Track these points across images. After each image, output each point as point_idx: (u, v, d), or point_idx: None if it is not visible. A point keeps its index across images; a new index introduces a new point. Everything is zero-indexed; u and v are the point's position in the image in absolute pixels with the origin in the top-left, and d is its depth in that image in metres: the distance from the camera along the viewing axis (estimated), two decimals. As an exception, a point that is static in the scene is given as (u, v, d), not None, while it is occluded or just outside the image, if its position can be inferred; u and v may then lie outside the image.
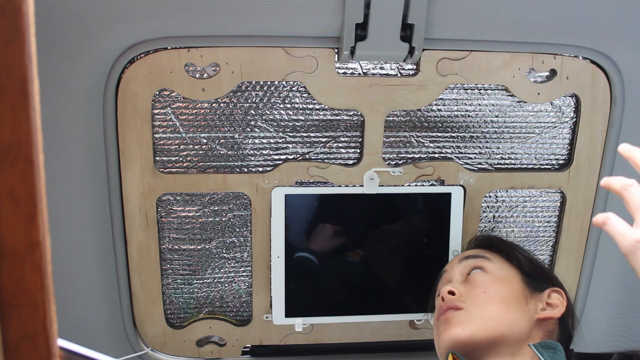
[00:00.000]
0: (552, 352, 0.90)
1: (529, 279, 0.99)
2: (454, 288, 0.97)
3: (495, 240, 1.06)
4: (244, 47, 0.97)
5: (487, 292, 0.95)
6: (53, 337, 0.34)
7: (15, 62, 0.31)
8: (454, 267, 1.03)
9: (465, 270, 1.00)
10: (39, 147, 0.32)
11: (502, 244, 1.05)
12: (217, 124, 1.04)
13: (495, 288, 0.96)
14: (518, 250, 1.05)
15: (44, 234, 0.33)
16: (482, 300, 0.94)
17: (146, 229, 1.06)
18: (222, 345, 1.17)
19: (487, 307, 0.93)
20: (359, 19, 0.91)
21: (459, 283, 0.99)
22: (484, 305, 0.93)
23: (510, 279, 0.98)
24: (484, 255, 1.01)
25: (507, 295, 0.96)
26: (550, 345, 0.91)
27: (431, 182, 1.11)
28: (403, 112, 1.07)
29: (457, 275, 1.01)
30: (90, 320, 1.09)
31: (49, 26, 0.87)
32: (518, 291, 0.97)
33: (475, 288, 0.96)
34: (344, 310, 1.14)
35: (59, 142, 0.96)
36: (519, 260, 1.01)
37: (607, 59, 1.02)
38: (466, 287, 0.97)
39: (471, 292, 0.96)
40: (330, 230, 1.10)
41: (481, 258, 1.01)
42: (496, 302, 0.94)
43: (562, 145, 1.12)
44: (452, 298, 0.95)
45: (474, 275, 0.98)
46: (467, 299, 0.95)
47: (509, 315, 0.93)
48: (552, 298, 0.98)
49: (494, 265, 1.00)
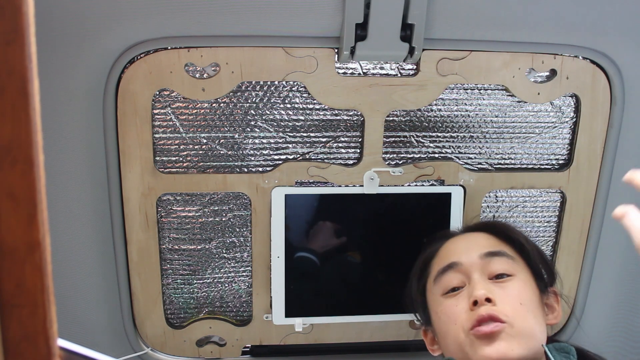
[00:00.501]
0: (566, 357, 0.84)
1: (538, 278, 0.92)
2: (492, 295, 0.85)
3: (509, 231, 0.96)
4: (244, 47, 0.97)
5: (523, 304, 0.85)
6: (53, 337, 0.34)
7: (15, 62, 0.31)
8: (474, 263, 0.90)
9: (491, 271, 0.89)
10: (39, 147, 0.32)
11: (515, 234, 0.95)
12: (217, 124, 1.04)
13: (527, 298, 0.87)
14: (529, 243, 0.96)
15: (44, 234, 0.33)
16: (522, 315, 0.84)
17: (146, 229, 1.06)
18: (222, 345, 1.17)
19: (527, 324, 0.84)
20: (359, 19, 0.91)
21: (489, 287, 0.87)
22: (524, 320, 0.84)
23: (530, 283, 0.90)
24: (507, 254, 0.91)
25: (535, 305, 0.88)
26: (565, 349, 0.85)
27: (431, 182, 1.11)
28: (403, 112, 1.07)
29: (478, 274, 0.89)
30: (90, 320, 1.09)
31: (49, 26, 0.87)
32: (537, 296, 0.90)
33: (512, 298, 0.85)
34: (344, 310, 1.14)
35: (59, 142, 0.96)
36: (532, 257, 0.93)
37: (607, 59, 1.02)
38: (496, 292, 0.86)
39: (507, 302, 0.85)
40: (330, 230, 1.10)
41: (507, 258, 0.90)
42: (532, 315, 0.85)
43: (562, 145, 1.12)
44: (494, 309, 0.83)
45: (507, 282, 0.88)
46: (505, 310, 0.84)
47: (541, 330, 0.86)
48: (550, 299, 0.94)
49: (518, 267, 0.91)
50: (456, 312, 0.87)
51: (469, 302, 0.86)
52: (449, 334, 0.88)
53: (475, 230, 0.99)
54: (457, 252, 0.94)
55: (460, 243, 0.96)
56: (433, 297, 0.94)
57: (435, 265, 0.96)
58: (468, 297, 0.87)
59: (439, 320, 0.91)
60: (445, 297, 0.91)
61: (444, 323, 0.90)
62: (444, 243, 0.99)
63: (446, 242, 0.98)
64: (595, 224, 1.14)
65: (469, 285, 0.89)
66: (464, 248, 0.94)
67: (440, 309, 0.91)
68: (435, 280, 0.93)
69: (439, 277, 0.92)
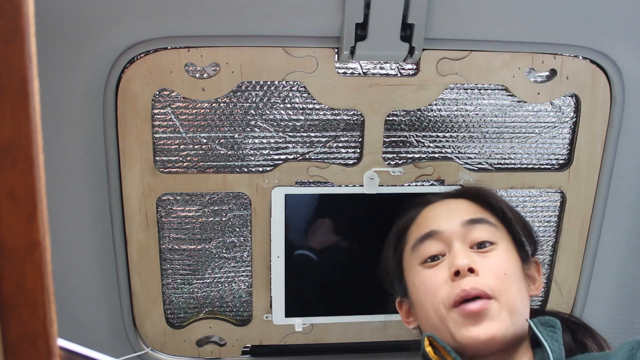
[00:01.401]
0: (552, 331, 0.80)
1: (520, 247, 0.87)
2: (474, 265, 0.79)
3: (491, 198, 0.90)
4: (244, 47, 0.97)
5: (507, 275, 0.80)
6: (53, 337, 0.34)
7: (15, 62, 0.31)
8: (455, 230, 0.85)
9: (473, 239, 0.84)
10: (39, 147, 0.32)
11: (498, 201, 0.90)
12: (217, 124, 1.04)
13: (511, 269, 0.81)
14: (512, 210, 0.90)
15: (44, 234, 0.33)
16: (506, 286, 0.79)
17: (146, 229, 1.06)
18: (222, 345, 1.17)
19: (513, 296, 0.79)
20: (359, 19, 0.91)
21: (471, 256, 0.81)
22: (509, 292, 0.79)
23: (512, 252, 0.85)
24: (490, 221, 0.86)
25: (519, 275, 0.83)
26: (550, 323, 0.81)
27: (431, 182, 1.11)
28: (403, 112, 1.07)
29: (459, 242, 0.83)
30: (90, 320, 1.09)
31: (49, 26, 0.87)
32: (520, 267, 0.85)
33: (495, 268, 0.80)
34: (344, 310, 1.14)
35: (59, 142, 0.96)
36: (514, 225, 0.88)
37: (607, 59, 1.02)
38: (478, 261, 0.81)
39: (491, 273, 0.80)
40: (330, 230, 1.10)
41: (490, 225, 0.85)
42: (516, 287, 0.80)
43: (562, 145, 1.12)
44: (477, 281, 0.78)
45: (489, 251, 0.82)
46: (489, 282, 0.79)
47: (525, 302, 0.82)
48: (532, 269, 0.90)
49: (500, 235, 0.86)
50: (436, 282, 0.82)
51: (449, 272, 0.81)
52: (428, 307, 0.83)
53: (456, 197, 0.93)
54: (436, 220, 0.88)
55: (440, 210, 0.90)
56: (410, 267, 0.88)
57: (413, 232, 0.91)
58: (449, 267, 0.82)
59: (416, 291, 0.86)
60: (424, 266, 0.85)
61: (422, 294, 0.84)
62: (422, 210, 0.93)
63: (425, 209, 0.92)
64: (595, 224, 1.14)
65: (450, 254, 0.83)
66: (444, 215, 0.88)
67: (418, 280, 0.85)
68: (413, 249, 0.88)
69: (417, 245, 0.87)
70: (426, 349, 0.78)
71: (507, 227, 0.88)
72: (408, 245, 0.91)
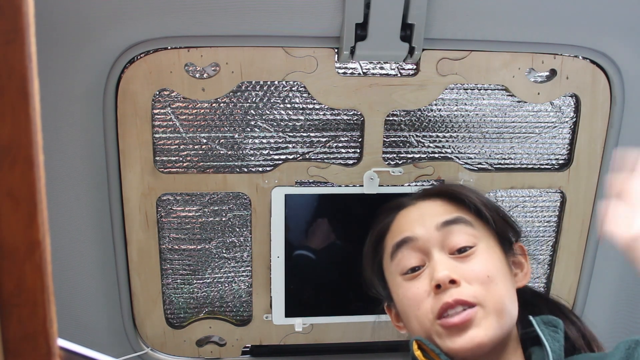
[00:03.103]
0: (554, 331, 0.79)
1: (501, 239, 0.84)
2: (456, 275, 0.77)
3: (464, 194, 0.86)
4: (244, 47, 0.97)
5: (491, 276, 0.78)
6: (53, 337, 0.34)
7: (15, 62, 0.31)
8: (431, 236, 0.81)
9: (451, 246, 0.81)
10: (39, 147, 0.32)
11: (470, 198, 0.86)
12: (217, 124, 1.04)
13: (494, 268, 0.79)
14: (488, 203, 0.87)
15: (44, 234, 0.33)
16: (491, 289, 0.77)
17: (146, 229, 1.06)
18: (222, 345, 1.17)
19: (499, 298, 0.77)
20: (359, 19, 0.91)
21: (451, 265, 0.78)
22: (494, 295, 0.77)
23: (494, 247, 0.82)
24: (465, 219, 0.82)
25: (503, 272, 0.80)
26: (552, 322, 0.80)
27: (431, 182, 1.11)
28: (403, 112, 1.07)
29: (437, 250, 0.80)
30: (90, 320, 1.09)
31: (49, 26, 0.87)
32: (503, 261, 0.82)
33: (478, 273, 0.78)
34: (344, 310, 1.14)
35: (59, 142, 0.96)
36: (492, 219, 0.84)
37: (607, 59, 1.02)
38: (459, 269, 0.78)
39: (474, 279, 0.77)
40: (330, 230, 1.10)
41: (466, 225, 0.82)
42: (501, 286, 0.78)
43: (562, 145, 1.12)
44: (460, 292, 0.76)
45: (470, 256, 0.80)
46: (472, 290, 0.77)
47: (512, 299, 0.80)
48: (517, 257, 0.87)
49: (478, 232, 0.82)
50: (418, 295, 0.80)
51: (430, 285, 0.78)
52: (412, 319, 0.81)
53: (429, 197, 0.89)
54: (411, 224, 0.85)
55: (414, 213, 0.87)
56: (392, 277, 0.86)
57: (389, 239, 0.88)
58: (430, 278, 0.79)
59: (400, 302, 0.84)
60: (405, 278, 0.83)
61: (407, 307, 0.82)
62: (396, 215, 0.90)
63: (398, 214, 0.90)
64: (595, 224, 1.14)
65: (430, 264, 0.81)
66: (418, 219, 0.85)
67: (400, 292, 0.83)
68: (392, 257, 0.85)
69: (395, 253, 0.84)
70: (415, 353, 0.77)
71: (484, 221, 0.85)
72: (386, 254, 0.88)
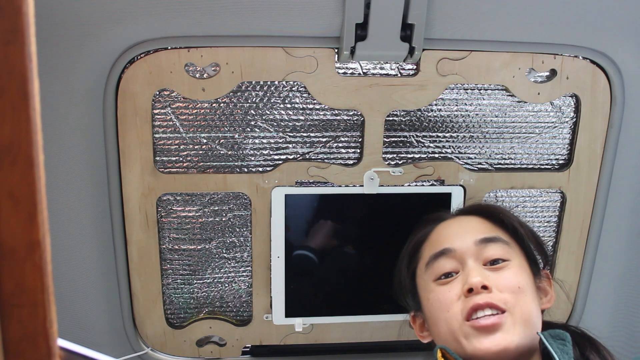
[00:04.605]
0: (562, 344, 0.82)
1: (531, 262, 0.90)
2: (488, 282, 0.82)
3: (503, 215, 0.92)
4: (244, 47, 0.97)
5: (521, 288, 0.83)
6: (53, 337, 0.34)
7: (15, 62, 0.31)
8: (469, 249, 0.87)
9: (486, 257, 0.86)
10: (39, 147, 0.32)
11: (509, 218, 0.92)
12: (217, 124, 1.04)
13: (524, 283, 0.84)
14: (524, 226, 0.92)
15: (44, 234, 0.33)
16: (520, 300, 0.81)
17: (146, 229, 1.06)
18: (222, 345, 1.17)
19: (527, 309, 0.81)
20: (359, 19, 0.91)
21: (484, 273, 0.84)
22: (523, 305, 0.81)
23: (525, 267, 0.88)
24: (502, 239, 0.88)
25: (532, 289, 0.85)
26: (560, 336, 0.83)
27: (431, 182, 1.11)
28: (403, 112, 1.07)
29: (473, 260, 0.86)
30: (90, 320, 1.09)
31: (49, 26, 0.87)
32: (532, 281, 0.87)
33: (509, 283, 0.83)
34: (344, 310, 1.14)
35: (59, 142, 0.96)
36: (526, 241, 0.90)
37: (607, 59, 1.02)
38: (492, 278, 0.83)
39: (504, 288, 0.82)
40: (330, 230, 1.10)
41: (502, 243, 0.87)
42: (530, 300, 0.83)
43: (562, 145, 1.12)
44: (491, 297, 0.81)
45: (503, 268, 0.85)
46: (502, 297, 0.81)
47: (538, 315, 0.84)
48: (543, 282, 0.92)
49: (512, 251, 0.88)
50: (449, 298, 0.84)
51: (463, 289, 0.83)
52: (441, 322, 0.85)
53: (469, 214, 0.96)
54: (450, 237, 0.90)
55: (454, 227, 0.92)
56: (424, 283, 0.91)
57: (426, 249, 0.93)
58: (462, 283, 0.84)
59: (430, 306, 0.88)
60: (438, 282, 0.88)
61: (436, 309, 0.86)
62: (435, 226, 0.95)
63: (438, 226, 0.95)
64: (595, 224, 1.14)
65: (463, 272, 0.86)
66: (458, 233, 0.90)
67: (432, 296, 0.88)
68: (427, 266, 0.90)
69: (431, 262, 0.89)
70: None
71: (519, 243, 0.90)
72: (422, 262, 0.93)
